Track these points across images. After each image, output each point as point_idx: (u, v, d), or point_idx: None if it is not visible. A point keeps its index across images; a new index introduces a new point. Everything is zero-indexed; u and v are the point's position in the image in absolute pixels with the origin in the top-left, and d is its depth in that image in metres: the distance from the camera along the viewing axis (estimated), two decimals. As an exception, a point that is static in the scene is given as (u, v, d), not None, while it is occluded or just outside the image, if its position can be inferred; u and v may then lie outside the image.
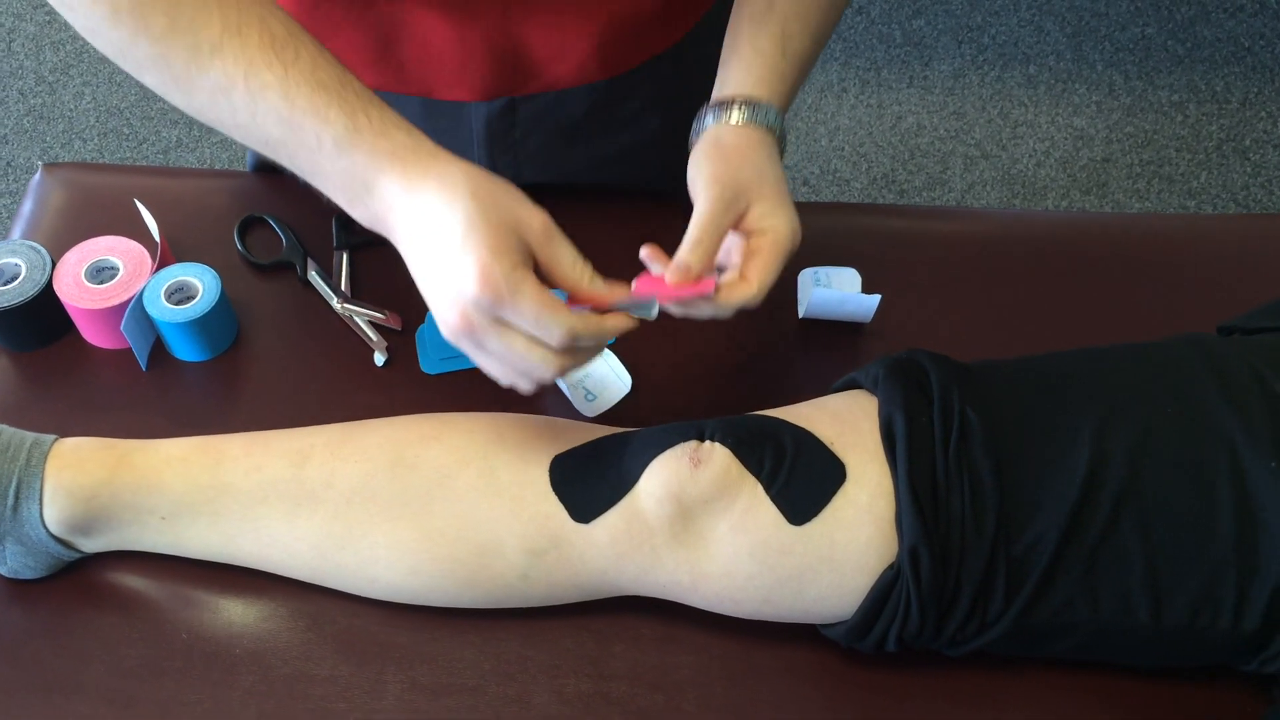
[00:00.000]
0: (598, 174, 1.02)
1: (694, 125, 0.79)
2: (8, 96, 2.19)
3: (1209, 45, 2.41)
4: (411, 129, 0.67)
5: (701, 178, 0.73)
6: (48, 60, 2.26)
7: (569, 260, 0.66)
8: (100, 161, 2.11)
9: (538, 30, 0.87)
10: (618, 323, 0.68)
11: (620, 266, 0.95)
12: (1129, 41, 2.41)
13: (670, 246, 0.76)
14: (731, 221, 0.72)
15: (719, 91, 0.79)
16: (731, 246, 0.74)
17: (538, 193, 1.00)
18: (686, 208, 0.76)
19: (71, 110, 2.18)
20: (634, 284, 0.70)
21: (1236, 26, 2.43)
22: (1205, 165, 2.22)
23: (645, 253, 0.72)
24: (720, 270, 0.74)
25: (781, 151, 0.78)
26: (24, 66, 2.25)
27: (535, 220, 0.65)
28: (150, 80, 0.66)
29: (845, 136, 2.24)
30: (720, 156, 0.74)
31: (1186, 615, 0.70)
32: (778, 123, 0.77)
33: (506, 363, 0.66)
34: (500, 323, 0.63)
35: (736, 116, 0.76)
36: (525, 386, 0.67)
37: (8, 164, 2.09)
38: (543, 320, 0.63)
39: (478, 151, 0.98)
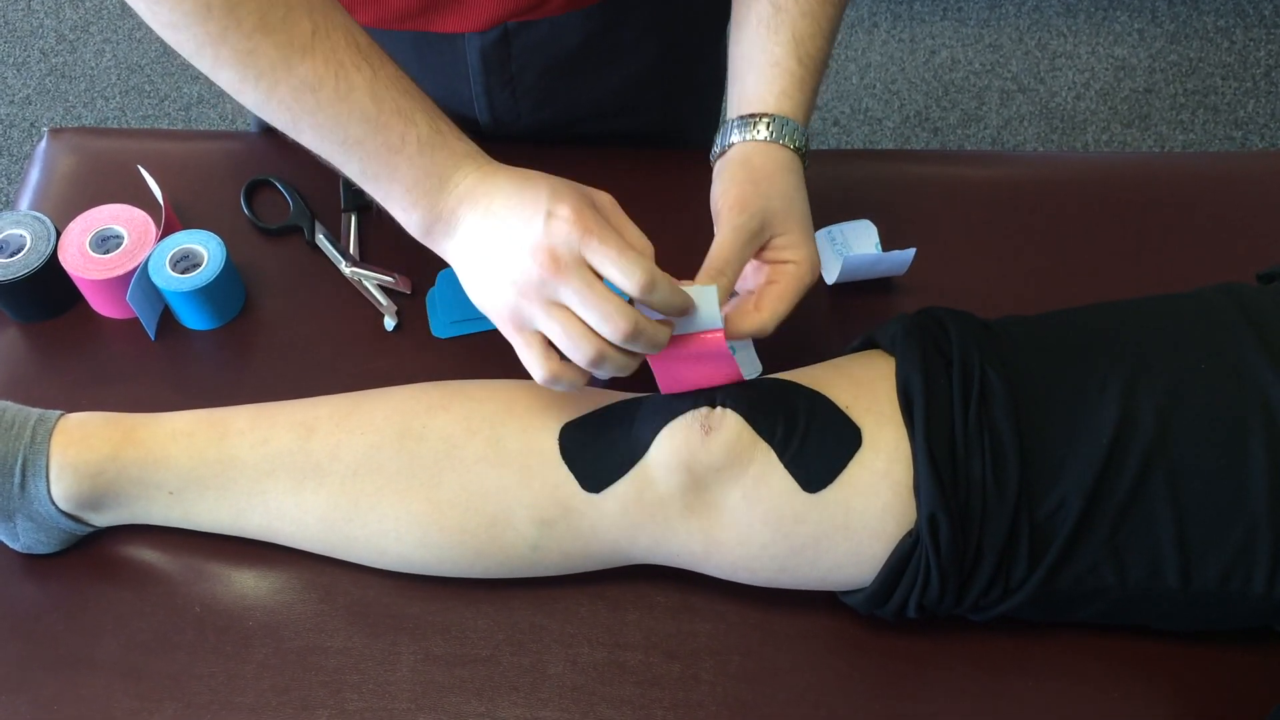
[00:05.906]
0: (598, 115, 1.00)
1: (717, 139, 0.79)
2: (29, 57, 2.19)
3: (1257, -33, 2.31)
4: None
5: (728, 200, 0.73)
6: (68, 18, 2.25)
7: (635, 230, 0.67)
8: (119, 121, 2.10)
9: None
10: (686, 300, 0.66)
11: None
12: (1173, -35, 2.32)
13: (677, 196, 0.74)
14: (753, 252, 0.73)
15: (739, 105, 0.78)
16: (748, 271, 0.75)
17: (540, 140, 0.98)
18: (691, 155, 0.74)
19: (93, 68, 2.17)
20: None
21: (1287, -54, 2.33)
22: (1253, 93, 2.14)
23: None
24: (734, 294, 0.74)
25: (805, 165, 0.78)
26: (44, 25, 2.24)
27: (604, 195, 0.68)
28: (227, 76, 0.66)
29: (877, 73, 2.18)
30: (750, 179, 0.74)
31: (1217, 580, 0.67)
32: (804, 141, 0.77)
33: (587, 306, 0.64)
34: (585, 263, 0.64)
35: (765, 133, 0.76)
36: (586, 353, 0.65)
37: (31, 124, 2.09)
38: (625, 258, 0.63)
39: (474, 87, 0.95)
